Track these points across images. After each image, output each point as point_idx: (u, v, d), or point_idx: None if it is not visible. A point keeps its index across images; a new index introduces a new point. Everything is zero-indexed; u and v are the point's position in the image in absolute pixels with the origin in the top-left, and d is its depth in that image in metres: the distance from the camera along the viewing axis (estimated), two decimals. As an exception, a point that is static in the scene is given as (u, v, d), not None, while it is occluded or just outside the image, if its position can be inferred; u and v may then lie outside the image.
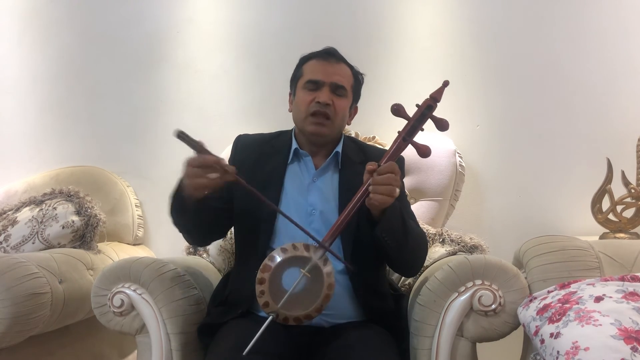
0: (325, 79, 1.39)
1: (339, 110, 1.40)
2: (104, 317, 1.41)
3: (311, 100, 1.39)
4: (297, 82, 1.45)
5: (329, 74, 1.40)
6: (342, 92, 1.41)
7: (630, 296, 1.17)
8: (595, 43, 2.02)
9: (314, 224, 1.36)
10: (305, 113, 1.40)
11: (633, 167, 1.81)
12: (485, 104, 2.09)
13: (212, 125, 2.22)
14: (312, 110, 1.38)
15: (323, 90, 1.39)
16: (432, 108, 1.28)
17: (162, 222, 2.24)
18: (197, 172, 1.19)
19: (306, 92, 1.40)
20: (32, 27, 2.35)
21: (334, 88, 1.39)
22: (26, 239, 1.91)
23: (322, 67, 1.41)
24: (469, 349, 1.33)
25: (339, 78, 1.40)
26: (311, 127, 1.40)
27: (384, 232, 1.24)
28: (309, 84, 1.40)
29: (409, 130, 1.27)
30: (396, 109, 1.28)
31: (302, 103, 1.41)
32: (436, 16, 2.12)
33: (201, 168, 1.18)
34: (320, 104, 1.37)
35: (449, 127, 1.27)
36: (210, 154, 1.19)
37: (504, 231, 2.03)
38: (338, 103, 1.40)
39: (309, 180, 1.42)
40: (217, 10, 2.23)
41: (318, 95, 1.38)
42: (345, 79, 1.42)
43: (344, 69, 1.44)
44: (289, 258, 1.21)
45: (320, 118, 1.38)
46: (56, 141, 2.32)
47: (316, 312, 1.18)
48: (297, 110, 1.43)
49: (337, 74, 1.41)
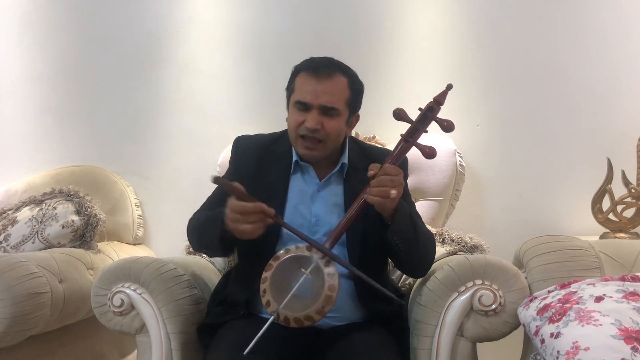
0: (313, 101, 1.30)
1: (331, 131, 1.32)
2: (104, 317, 1.41)
3: (301, 122, 1.32)
4: (290, 97, 1.37)
5: (318, 94, 1.30)
6: (334, 112, 1.31)
7: (630, 296, 1.17)
8: (596, 43, 2.02)
9: (317, 235, 1.34)
10: (295, 134, 1.34)
11: (633, 167, 1.81)
12: (486, 103, 2.08)
13: (212, 125, 2.22)
14: (301, 133, 1.32)
15: (312, 113, 1.30)
16: (434, 110, 1.28)
17: (162, 221, 2.24)
18: (238, 218, 1.17)
19: (296, 112, 1.33)
20: (32, 26, 2.35)
21: (323, 110, 1.30)
22: (26, 238, 1.91)
23: (311, 86, 1.30)
24: (469, 349, 1.33)
25: (328, 99, 1.30)
26: (302, 150, 1.35)
27: (395, 236, 1.24)
28: (298, 104, 1.32)
29: (411, 133, 1.27)
30: (398, 113, 1.28)
31: (292, 123, 1.34)
32: (437, 16, 2.11)
33: (242, 215, 1.17)
34: (308, 129, 1.31)
35: (454, 128, 1.26)
36: (248, 197, 1.18)
37: (504, 231, 2.03)
38: (329, 125, 1.31)
39: (313, 190, 1.39)
40: (217, 10, 2.23)
41: (307, 118, 1.30)
42: (336, 97, 1.31)
43: (337, 84, 1.31)
44: (291, 257, 1.21)
45: (310, 142, 1.33)
46: (56, 141, 2.32)
47: (318, 314, 1.17)
48: (289, 127, 1.37)
49: (326, 93, 1.30)
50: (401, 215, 1.23)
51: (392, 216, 1.23)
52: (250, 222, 1.17)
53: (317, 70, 1.31)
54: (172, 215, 2.21)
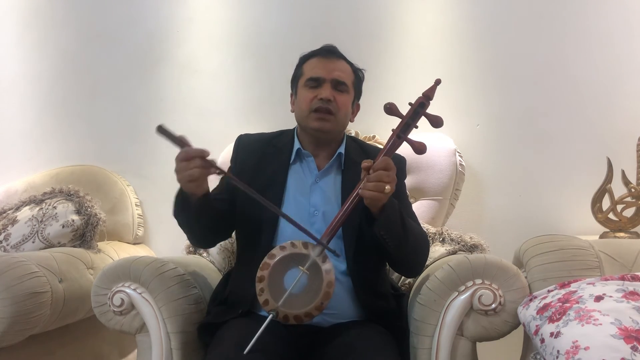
0: (326, 76, 1.40)
1: (341, 105, 1.41)
2: (104, 316, 1.41)
3: (313, 97, 1.40)
4: (298, 82, 1.46)
5: (330, 70, 1.41)
6: (344, 87, 1.42)
7: (630, 295, 1.17)
8: (596, 42, 2.02)
9: (316, 224, 1.36)
10: (307, 110, 1.41)
11: (633, 167, 1.81)
12: (485, 103, 2.08)
13: (212, 125, 2.22)
14: (314, 107, 1.39)
15: (324, 86, 1.40)
16: (424, 105, 1.29)
17: (162, 221, 2.24)
18: (183, 166, 1.21)
19: (308, 90, 1.42)
20: (32, 26, 2.35)
21: (335, 84, 1.41)
22: (26, 238, 1.91)
23: (323, 64, 1.42)
24: (469, 348, 1.33)
25: (339, 74, 1.42)
26: (314, 122, 1.40)
27: (382, 230, 1.24)
28: (310, 81, 1.41)
29: (402, 128, 1.28)
30: (389, 108, 1.29)
31: (304, 101, 1.41)
32: (436, 15, 2.11)
33: (186, 161, 1.21)
34: (322, 100, 1.38)
35: (443, 123, 1.27)
36: (192, 147, 1.22)
37: (504, 230, 2.03)
38: (340, 99, 1.41)
39: (312, 180, 1.42)
40: (217, 10, 2.23)
41: (320, 92, 1.39)
42: (346, 74, 1.43)
43: (344, 65, 1.45)
44: (287, 255, 1.21)
45: (323, 114, 1.39)
46: (56, 140, 2.32)
47: (316, 311, 1.18)
48: (300, 108, 1.44)
49: (337, 70, 1.42)
50: (389, 210, 1.23)
51: (379, 211, 1.23)
52: (194, 167, 1.20)
53: (325, 54, 1.44)
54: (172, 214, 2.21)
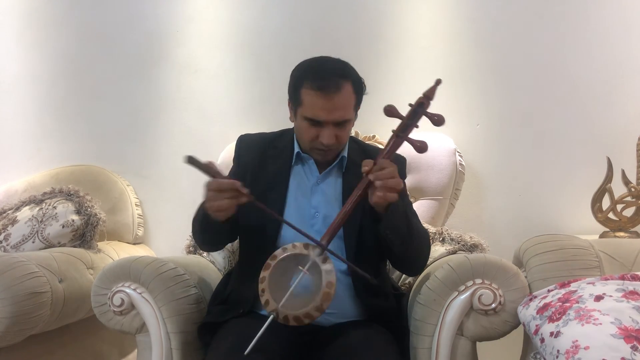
0: (327, 118, 1.30)
1: (344, 139, 1.37)
2: (104, 316, 1.41)
3: (314, 137, 1.33)
4: (296, 108, 1.35)
5: (330, 110, 1.29)
6: (346, 123, 1.33)
7: (630, 295, 1.17)
8: (596, 42, 2.02)
9: (316, 226, 1.35)
10: (309, 145, 1.37)
11: (633, 166, 1.81)
12: (486, 102, 2.08)
13: (212, 125, 2.22)
14: (316, 146, 1.35)
15: (325, 129, 1.31)
16: (424, 105, 1.29)
17: (162, 221, 2.24)
18: (215, 196, 1.21)
19: (307, 126, 1.33)
20: (31, 26, 2.34)
21: (336, 124, 1.32)
22: (26, 238, 1.91)
23: (322, 102, 1.28)
24: (469, 348, 1.33)
25: (341, 114, 1.30)
26: (316, 155, 1.39)
27: (388, 229, 1.24)
28: (310, 120, 1.32)
29: (402, 128, 1.28)
30: (388, 110, 1.28)
31: (305, 134, 1.35)
32: (437, 15, 2.11)
33: (218, 192, 1.20)
34: (325, 145, 1.33)
35: (444, 122, 1.27)
36: (222, 176, 1.22)
37: (504, 230, 2.03)
38: (343, 134, 1.34)
39: (313, 182, 1.41)
40: (217, 9, 2.23)
41: (321, 133, 1.31)
42: (347, 108, 1.32)
43: (344, 95, 1.30)
44: (288, 256, 1.21)
45: (325, 152, 1.36)
46: (56, 140, 2.32)
47: (317, 312, 1.17)
48: (299, 135, 1.39)
49: (338, 108, 1.30)
50: (394, 209, 1.23)
51: (385, 210, 1.23)
52: (224, 199, 1.20)
53: (324, 88, 1.28)
54: (172, 214, 2.22)
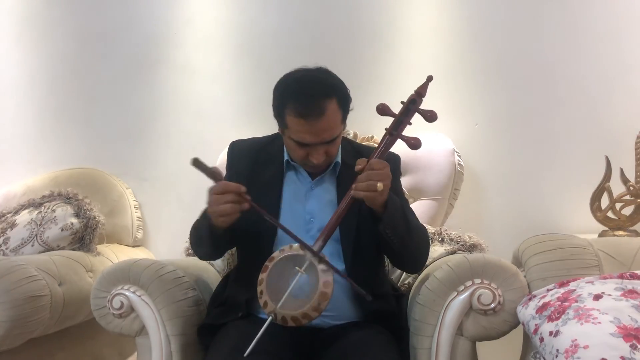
0: (314, 140, 1.28)
1: (334, 153, 1.36)
2: (104, 319, 1.41)
3: (304, 156, 1.32)
4: (283, 128, 1.33)
5: (316, 133, 1.26)
6: (335, 140, 1.31)
7: (629, 294, 1.17)
8: (594, 41, 2.02)
9: (312, 232, 1.35)
10: (299, 162, 1.37)
11: (632, 165, 1.81)
12: (484, 102, 2.08)
13: (210, 127, 2.21)
14: (307, 163, 1.34)
15: (314, 149, 1.30)
16: (416, 102, 1.29)
17: (161, 223, 2.24)
18: (218, 199, 1.20)
19: (295, 146, 1.31)
20: (30, 28, 2.34)
21: (325, 143, 1.30)
22: (25, 241, 1.91)
23: (307, 128, 1.25)
24: (469, 348, 1.33)
25: (328, 134, 1.28)
26: (309, 169, 1.39)
27: (387, 228, 1.25)
28: (297, 142, 1.30)
29: (395, 125, 1.29)
30: (381, 109, 1.29)
31: (294, 154, 1.35)
32: (434, 15, 2.11)
33: (223, 194, 1.20)
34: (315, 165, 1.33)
35: (437, 117, 1.27)
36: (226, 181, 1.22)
37: (503, 230, 2.03)
38: (332, 150, 1.34)
39: (307, 188, 1.41)
40: (215, 11, 2.23)
41: (310, 153, 1.30)
42: (334, 127, 1.28)
43: (330, 116, 1.25)
44: (285, 257, 1.22)
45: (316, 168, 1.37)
46: (54, 143, 2.32)
47: (314, 312, 1.17)
48: (289, 152, 1.39)
49: (324, 130, 1.26)
50: (392, 208, 1.24)
51: (383, 209, 1.24)
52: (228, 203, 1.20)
53: (307, 115, 1.24)
54: (171, 217, 2.22)
